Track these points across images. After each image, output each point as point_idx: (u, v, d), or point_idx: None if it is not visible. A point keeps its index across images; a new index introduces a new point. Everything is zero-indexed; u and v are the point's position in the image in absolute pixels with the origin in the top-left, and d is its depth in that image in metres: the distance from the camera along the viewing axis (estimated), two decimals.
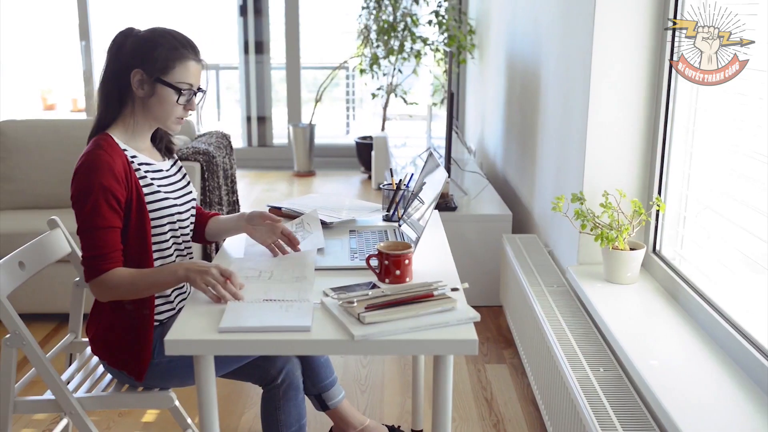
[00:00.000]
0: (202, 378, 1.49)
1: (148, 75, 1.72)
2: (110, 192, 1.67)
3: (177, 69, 1.73)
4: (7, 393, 1.79)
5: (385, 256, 1.69)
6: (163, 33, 1.75)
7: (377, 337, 1.43)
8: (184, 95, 1.74)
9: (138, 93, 1.74)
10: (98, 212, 1.66)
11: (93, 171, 1.68)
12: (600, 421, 1.73)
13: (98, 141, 1.73)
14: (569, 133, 2.68)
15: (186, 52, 1.74)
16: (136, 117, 1.78)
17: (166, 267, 1.68)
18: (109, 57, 1.76)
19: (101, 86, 1.77)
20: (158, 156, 1.88)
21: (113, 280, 1.67)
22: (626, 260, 2.28)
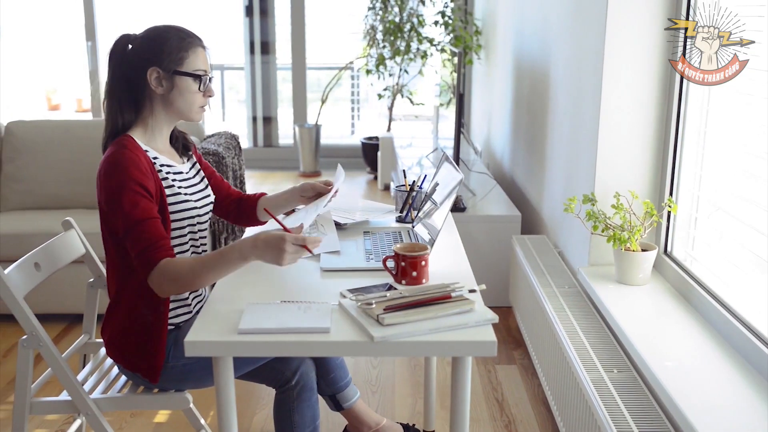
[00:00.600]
0: (221, 379, 1.49)
1: (165, 70, 1.73)
2: (141, 185, 1.67)
3: (190, 58, 1.75)
4: (23, 394, 1.79)
5: (402, 257, 1.69)
6: (165, 28, 1.76)
7: (396, 338, 1.43)
8: (202, 81, 1.77)
9: (157, 91, 1.75)
10: (136, 206, 1.65)
11: (120, 169, 1.67)
12: (615, 422, 1.73)
13: (120, 141, 1.72)
14: (580, 134, 2.68)
15: (193, 40, 1.77)
16: (156, 116, 1.78)
17: (230, 251, 1.62)
18: (114, 64, 1.76)
19: (110, 94, 1.76)
20: (177, 158, 1.88)
21: (171, 270, 1.63)
22: (638, 261, 2.28)
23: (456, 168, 1.94)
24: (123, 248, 1.73)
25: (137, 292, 1.75)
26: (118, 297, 1.80)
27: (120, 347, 1.80)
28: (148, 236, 1.64)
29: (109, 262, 1.81)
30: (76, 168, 3.64)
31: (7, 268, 1.76)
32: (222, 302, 1.61)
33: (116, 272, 1.79)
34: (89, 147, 3.67)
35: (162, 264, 1.63)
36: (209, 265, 1.62)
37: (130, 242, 1.66)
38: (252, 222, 2.06)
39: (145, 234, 1.64)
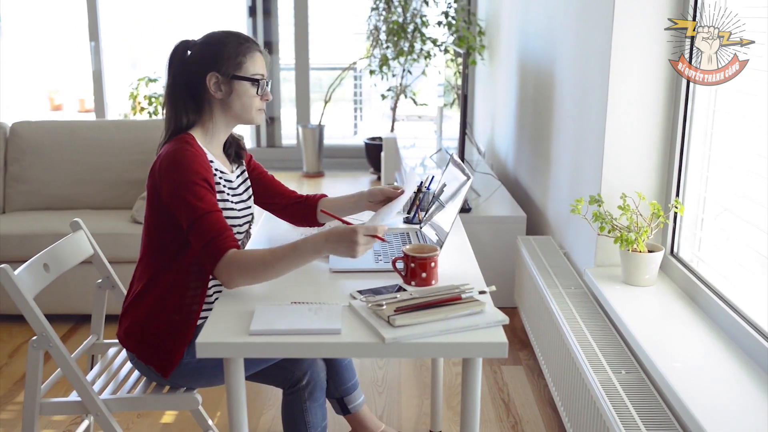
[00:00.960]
0: (232, 380, 1.50)
1: (223, 75, 1.76)
2: (205, 179, 1.70)
3: (248, 62, 1.78)
4: (33, 394, 1.79)
5: (412, 258, 1.69)
6: (224, 34, 1.80)
7: (407, 339, 1.43)
8: (260, 85, 1.79)
9: (216, 95, 1.78)
10: (201, 199, 1.67)
11: (185, 163, 1.69)
12: (624, 424, 1.74)
13: (183, 138, 1.75)
14: (585, 135, 2.68)
15: (250, 45, 1.80)
16: (215, 120, 1.82)
17: (303, 244, 1.64)
18: (174, 69, 1.79)
19: (171, 98, 1.79)
20: (228, 165, 1.91)
21: (240, 261, 1.63)
22: (645, 262, 2.29)
23: (465, 169, 1.94)
24: (164, 243, 1.77)
25: (169, 289, 1.78)
26: (146, 290, 1.81)
27: (138, 338, 1.81)
28: (214, 227, 1.66)
29: (145, 255, 1.83)
30: (82, 169, 3.65)
31: (17, 269, 1.76)
32: (232, 304, 1.61)
33: (150, 266, 1.81)
34: (94, 148, 3.67)
35: (229, 255, 1.64)
36: (281, 257, 1.63)
37: (195, 234, 1.67)
38: (311, 223, 2.06)
39: (211, 225, 1.66)
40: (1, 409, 2.59)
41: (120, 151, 3.66)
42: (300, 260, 1.65)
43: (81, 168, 3.66)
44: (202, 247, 1.65)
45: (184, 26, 7.63)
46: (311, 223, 2.06)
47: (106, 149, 3.66)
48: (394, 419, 2.52)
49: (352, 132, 7.59)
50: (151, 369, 1.81)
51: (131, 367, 2.00)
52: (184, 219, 1.68)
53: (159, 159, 1.74)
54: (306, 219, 2.06)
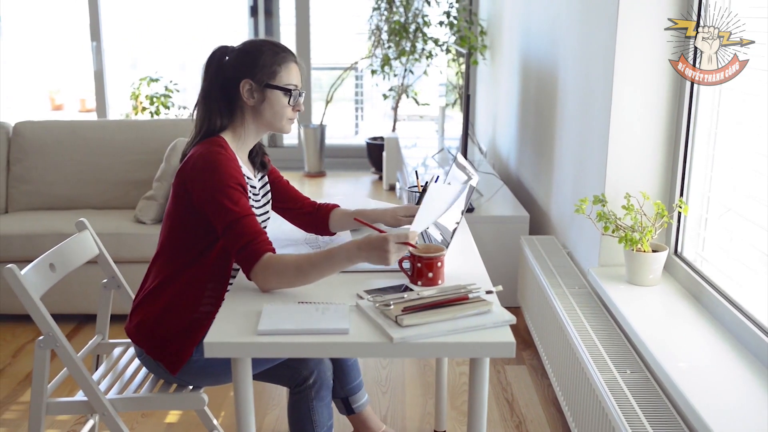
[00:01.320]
0: (240, 380, 1.50)
1: (257, 83, 1.78)
2: (239, 183, 1.72)
3: (282, 72, 1.80)
4: (40, 394, 1.80)
5: (418, 258, 1.69)
6: (261, 42, 1.82)
7: (415, 339, 1.44)
8: (292, 96, 1.81)
9: (249, 102, 1.80)
10: (237, 203, 1.69)
11: (221, 166, 1.71)
12: (630, 424, 1.74)
13: (215, 141, 1.78)
14: (589, 135, 2.68)
15: (287, 55, 1.82)
16: (247, 126, 1.84)
17: (337, 252, 1.65)
18: (211, 73, 1.82)
19: (204, 100, 1.82)
20: (252, 170, 1.92)
21: (276, 265, 1.65)
22: (649, 262, 2.29)
23: (470, 170, 1.94)
24: (187, 242, 1.78)
25: (186, 288, 1.79)
26: (162, 286, 1.82)
27: (149, 333, 1.81)
28: (250, 231, 1.67)
29: (163, 252, 1.84)
30: (84, 169, 3.65)
31: (23, 269, 1.76)
32: (239, 304, 1.62)
33: (169, 263, 1.82)
34: (97, 148, 3.68)
35: (266, 258, 1.65)
36: (315, 263, 1.65)
37: (231, 238, 1.68)
38: (322, 232, 2.05)
39: (247, 229, 1.67)
40: (5, 409, 2.59)
41: (123, 151, 3.66)
42: (333, 268, 1.66)
43: (84, 168, 3.66)
44: (238, 250, 1.67)
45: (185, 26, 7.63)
46: (322, 232, 2.06)
47: (108, 149, 3.67)
48: (398, 419, 2.52)
49: (353, 132, 7.59)
50: (159, 365, 1.81)
51: (137, 367, 2.01)
52: (219, 222, 1.69)
53: (191, 159, 1.75)
54: (317, 228, 2.06)
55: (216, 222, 1.71)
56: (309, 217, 2.06)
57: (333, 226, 2.04)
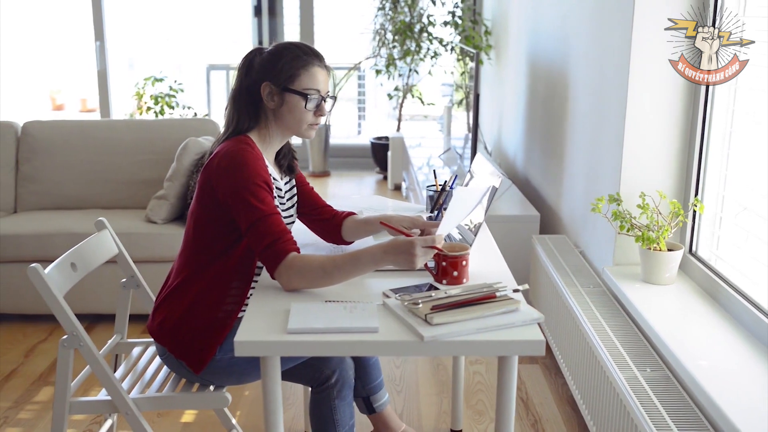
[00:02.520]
0: (269, 379, 1.50)
1: (276, 86, 1.77)
2: (265, 181, 1.72)
3: (302, 76, 1.78)
4: (63, 394, 1.79)
5: (443, 257, 1.70)
6: (286, 45, 1.81)
7: (446, 338, 1.44)
8: (311, 101, 1.79)
9: (269, 105, 1.79)
10: (263, 201, 1.69)
11: (247, 164, 1.71)
12: (654, 422, 1.74)
13: (242, 140, 1.77)
14: (602, 134, 2.69)
15: (309, 59, 1.79)
16: (271, 129, 1.83)
17: (362, 255, 1.65)
18: (241, 74, 1.82)
19: (233, 101, 1.82)
20: (278, 173, 1.91)
21: (300, 265, 1.65)
22: (665, 261, 2.29)
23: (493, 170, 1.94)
24: (211, 240, 1.78)
25: (210, 286, 1.79)
26: (186, 284, 1.82)
27: (172, 332, 1.81)
28: (275, 230, 1.67)
29: (187, 249, 1.84)
30: (93, 168, 3.65)
31: (46, 268, 1.76)
32: (266, 303, 1.62)
33: (193, 261, 1.82)
34: (106, 147, 3.67)
35: (290, 258, 1.65)
36: (340, 265, 1.64)
37: (255, 236, 1.68)
38: (337, 240, 2.02)
39: (271, 228, 1.67)
40: (20, 408, 2.59)
41: (131, 151, 3.65)
42: (359, 270, 1.66)
43: (92, 168, 3.65)
44: (263, 249, 1.67)
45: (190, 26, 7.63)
46: (336, 240, 2.03)
47: (117, 149, 3.66)
48: (414, 418, 2.53)
49: (356, 131, 7.60)
50: (182, 364, 1.81)
51: (158, 366, 2.01)
52: (244, 220, 1.69)
53: (217, 156, 1.75)
54: (331, 235, 2.03)
55: (240, 220, 1.70)
56: (324, 224, 2.03)
57: (346, 235, 2.00)
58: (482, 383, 2.76)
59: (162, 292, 1.90)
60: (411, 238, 1.63)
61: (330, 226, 2.02)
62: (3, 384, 2.77)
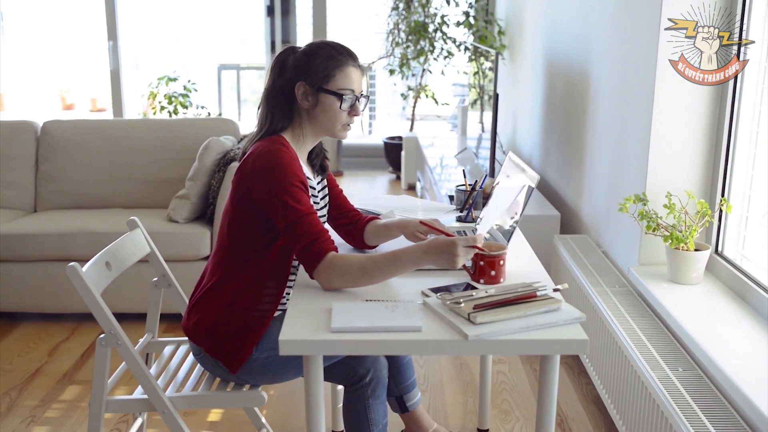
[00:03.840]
0: (312, 378, 1.50)
1: (311, 86, 1.77)
2: (301, 181, 1.72)
3: (337, 76, 1.77)
4: (100, 392, 1.80)
5: (481, 256, 1.70)
6: (321, 44, 1.80)
7: (489, 336, 1.44)
8: (346, 101, 1.79)
9: (303, 105, 1.79)
10: (299, 201, 1.69)
11: (283, 164, 1.70)
12: (690, 421, 1.74)
13: (277, 140, 1.77)
14: (627, 135, 2.69)
15: (344, 59, 1.79)
16: (304, 129, 1.83)
17: (403, 254, 1.65)
18: (274, 73, 1.81)
19: (267, 100, 1.82)
20: (311, 172, 1.91)
21: (340, 265, 1.65)
22: (693, 261, 2.30)
23: (526, 168, 1.95)
24: (246, 239, 1.78)
25: (246, 286, 1.79)
26: (221, 284, 1.82)
27: (208, 331, 1.81)
28: (313, 230, 1.67)
29: (222, 249, 1.84)
30: (113, 168, 3.66)
31: (84, 267, 1.76)
32: (306, 302, 1.62)
33: (228, 260, 1.82)
34: (125, 147, 3.68)
35: (329, 258, 1.65)
36: (380, 265, 1.65)
37: (293, 236, 1.68)
38: (359, 244, 2.00)
39: (310, 228, 1.67)
40: (47, 407, 2.60)
41: (152, 150, 3.66)
42: (398, 270, 1.66)
43: (112, 167, 3.67)
44: (301, 250, 1.67)
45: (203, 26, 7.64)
46: (358, 243, 2.01)
47: (137, 148, 3.67)
48: (440, 417, 2.53)
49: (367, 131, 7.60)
50: (218, 364, 1.81)
51: (191, 365, 2.01)
52: (281, 220, 1.69)
53: (251, 156, 1.75)
54: (354, 239, 2.01)
55: (277, 220, 1.70)
56: (348, 228, 2.02)
57: (368, 239, 1.99)
58: (506, 382, 2.77)
59: (196, 292, 1.90)
60: (452, 238, 1.63)
61: (354, 230, 2.01)
62: (28, 383, 2.78)
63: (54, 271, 3.24)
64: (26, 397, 2.67)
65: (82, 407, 2.59)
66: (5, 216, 3.47)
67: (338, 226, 2.04)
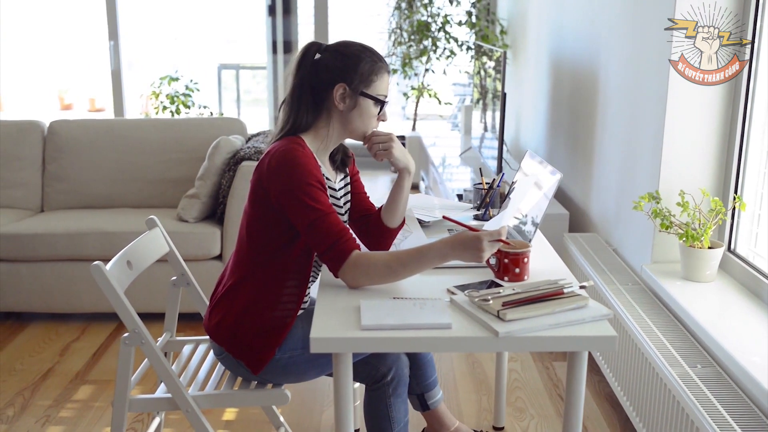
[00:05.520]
0: (341, 375, 1.51)
1: (352, 89, 1.76)
2: (318, 180, 1.71)
3: (377, 82, 1.78)
4: (124, 391, 1.80)
5: (505, 254, 1.71)
6: (361, 48, 1.79)
7: (520, 333, 1.45)
8: (382, 107, 1.80)
9: (339, 106, 1.77)
10: (317, 200, 1.68)
11: (300, 164, 1.69)
12: (713, 418, 1.75)
13: (294, 140, 1.75)
14: (638, 134, 2.70)
15: (383, 65, 1.80)
16: (332, 129, 1.81)
17: (428, 250, 1.65)
18: (303, 70, 1.78)
19: (292, 97, 1.79)
20: (332, 172, 1.90)
21: (364, 263, 1.66)
22: (707, 258, 2.31)
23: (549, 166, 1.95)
24: (266, 239, 1.77)
25: (267, 286, 1.78)
26: (242, 284, 1.81)
27: (230, 332, 1.80)
28: (335, 230, 1.67)
29: (241, 249, 1.83)
30: (120, 167, 3.65)
31: (107, 265, 1.76)
32: (333, 300, 1.63)
33: (248, 260, 1.81)
34: (133, 146, 3.68)
35: (354, 257, 1.65)
36: (406, 263, 1.65)
37: (315, 237, 1.67)
38: (379, 244, 1.95)
39: (331, 228, 1.67)
40: (61, 407, 2.60)
41: (159, 150, 3.66)
42: (424, 266, 1.66)
43: (120, 167, 3.66)
44: (325, 250, 1.67)
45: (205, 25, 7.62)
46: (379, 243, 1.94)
47: (144, 148, 3.67)
48: (455, 415, 2.53)
49: None
50: (241, 364, 1.81)
51: (211, 364, 2.02)
52: (301, 220, 1.68)
53: (267, 156, 1.74)
54: (374, 237, 1.96)
55: (297, 221, 1.70)
56: (364, 226, 1.98)
57: (386, 219, 1.94)
58: (519, 380, 2.78)
59: (217, 291, 1.90)
60: (477, 233, 1.64)
61: (369, 221, 1.97)
62: (41, 382, 2.77)
63: (63, 270, 3.24)
64: (39, 397, 2.66)
65: (96, 407, 2.59)
66: (13, 216, 3.46)
67: (358, 228, 2.02)
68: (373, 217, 1.97)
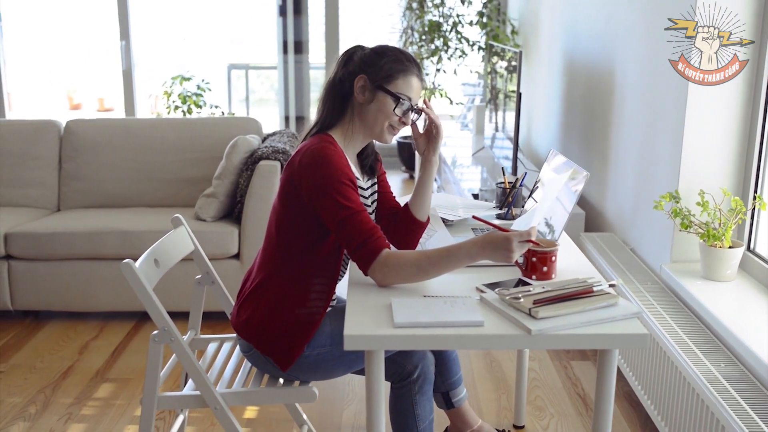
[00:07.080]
0: (374, 373, 1.52)
1: (371, 81, 1.78)
2: (349, 178, 1.72)
3: (399, 80, 1.78)
4: (153, 388, 1.81)
5: (533, 253, 1.72)
6: (392, 48, 1.83)
7: (552, 331, 1.46)
8: (401, 105, 1.78)
9: (358, 98, 1.79)
10: (349, 198, 1.69)
11: (332, 162, 1.71)
12: (740, 417, 1.76)
13: (324, 138, 1.77)
14: (657, 134, 2.71)
15: (410, 66, 1.80)
16: (354, 124, 1.83)
17: (457, 250, 1.65)
18: (338, 66, 1.83)
19: (326, 91, 1.83)
20: (359, 172, 1.91)
21: (394, 262, 1.66)
22: (727, 258, 2.32)
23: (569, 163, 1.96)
24: (294, 236, 1.78)
25: (295, 283, 1.79)
26: (269, 281, 1.82)
27: (258, 329, 1.81)
28: (365, 228, 1.68)
29: (270, 246, 1.85)
30: (136, 166, 3.67)
31: (136, 263, 1.77)
32: (365, 298, 1.64)
33: (277, 257, 1.82)
34: (149, 145, 3.69)
35: (384, 255, 1.66)
36: (435, 262, 1.66)
37: (345, 235, 1.68)
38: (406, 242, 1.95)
39: (361, 226, 1.67)
40: (82, 405, 2.61)
41: (175, 149, 3.67)
42: (453, 266, 1.67)
43: (136, 166, 3.68)
44: (355, 248, 1.67)
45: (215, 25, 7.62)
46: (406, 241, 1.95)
47: (161, 147, 3.68)
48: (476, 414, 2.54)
49: None
50: (269, 361, 1.82)
51: (238, 362, 2.03)
52: (331, 218, 1.69)
53: (299, 154, 1.76)
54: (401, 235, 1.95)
55: (327, 219, 1.71)
56: (393, 223, 1.98)
57: (414, 210, 1.94)
58: (537, 379, 2.78)
59: (244, 288, 1.91)
60: (507, 233, 1.65)
61: (397, 217, 1.97)
62: (61, 380, 2.79)
63: (81, 269, 3.25)
64: (61, 395, 2.68)
65: (117, 405, 2.60)
66: (30, 215, 3.48)
67: (385, 225, 2.02)
68: (401, 211, 1.98)
